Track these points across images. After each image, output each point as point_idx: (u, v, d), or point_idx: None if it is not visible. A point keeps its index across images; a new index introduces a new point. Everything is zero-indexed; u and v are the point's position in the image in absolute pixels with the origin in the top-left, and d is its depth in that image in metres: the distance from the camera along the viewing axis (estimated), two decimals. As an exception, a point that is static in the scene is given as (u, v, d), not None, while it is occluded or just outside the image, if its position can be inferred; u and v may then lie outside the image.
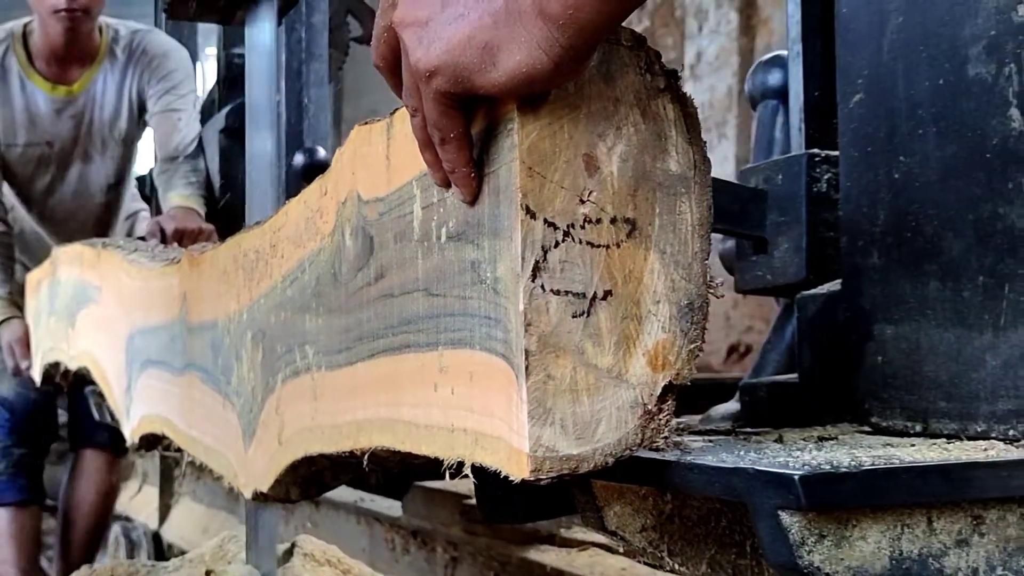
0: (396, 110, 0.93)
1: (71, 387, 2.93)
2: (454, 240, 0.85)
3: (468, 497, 2.22)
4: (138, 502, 4.54)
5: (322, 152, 2.56)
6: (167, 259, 1.86)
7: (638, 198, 0.79)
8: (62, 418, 3.57)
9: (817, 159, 1.19)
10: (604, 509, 0.90)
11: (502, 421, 0.78)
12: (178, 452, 1.93)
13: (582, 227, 0.77)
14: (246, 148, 2.08)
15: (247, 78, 2.10)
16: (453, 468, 0.86)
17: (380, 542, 2.61)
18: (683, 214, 0.80)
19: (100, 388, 2.34)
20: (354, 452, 1.05)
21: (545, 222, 0.76)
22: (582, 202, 0.77)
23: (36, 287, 2.92)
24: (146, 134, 3.32)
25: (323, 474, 1.30)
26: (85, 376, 2.51)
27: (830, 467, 0.72)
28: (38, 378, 2.90)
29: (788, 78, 1.30)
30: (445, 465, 0.87)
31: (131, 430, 2.04)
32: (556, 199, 0.76)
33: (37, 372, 2.89)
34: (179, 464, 4.04)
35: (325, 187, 1.11)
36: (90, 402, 2.69)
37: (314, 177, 1.16)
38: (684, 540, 0.92)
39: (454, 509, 2.25)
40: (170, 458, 4.07)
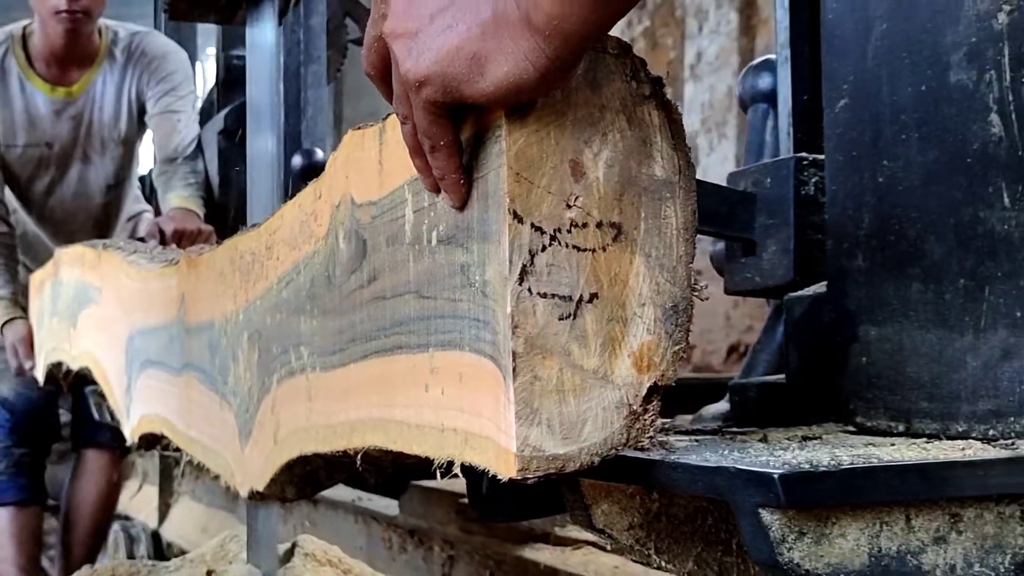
0: (388, 115, 0.95)
1: (73, 387, 2.95)
2: (444, 244, 0.86)
3: (464, 496, 2.23)
4: (138, 501, 4.56)
5: (320, 154, 2.58)
6: (166, 260, 1.88)
7: (624, 203, 0.80)
8: (64, 418, 3.59)
9: (805, 163, 1.20)
10: (592, 507, 0.92)
11: (490, 421, 0.80)
12: (177, 452, 1.95)
13: (568, 231, 0.79)
14: (247, 148, 2.10)
15: (248, 78, 2.12)
16: (443, 467, 0.88)
17: (378, 541, 2.62)
18: (668, 218, 0.81)
19: (101, 388, 2.36)
20: (347, 452, 1.06)
21: (532, 226, 0.78)
22: (568, 207, 0.79)
23: (39, 288, 2.94)
24: (146, 136, 3.34)
25: (318, 473, 1.31)
26: (87, 376, 2.53)
27: (809, 466, 0.74)
28: (41, 378, 2.92)
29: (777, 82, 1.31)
30: (436, 464, 0.89)
31: (131, 430, 2.06)
32: (543, 204, 0.78)
33: (40, 372, 2.91)
34: (179, 464, 4.05)
35: (319, 190, 1.13)
36: (90, 402, 2.71)
37: (312, 179, 1.18)
38: (671, 538, 0.94)
39: (450, 508, 2.27)
40: (170, 457, 4.08)
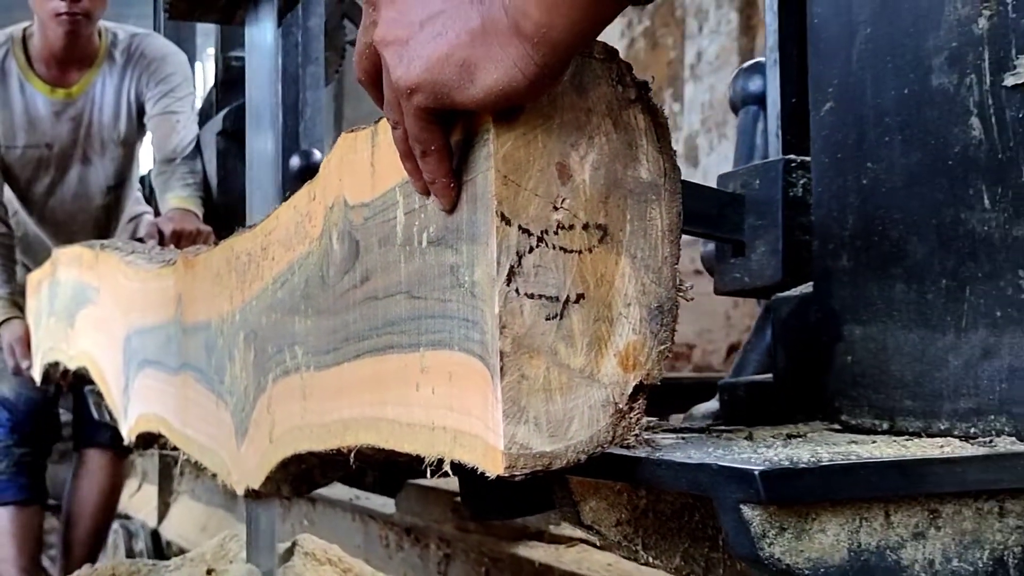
0: (380, 118, 0.96)
1: (73, 387, 2.96)
2: (434, 245, 0.88)
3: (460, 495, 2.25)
4: (137, 500, 4.58)
5: (318, 155, 2.60)
6: (163, 261, 1.90)
7: (610, 205, 0.82)
8: (65, 417, 3.60)
9: (793, 164, 1.22)
10: (580, 504, 0.94)
11: (479, 419, 0.81)
12: (176, 451, 1.96)
13: (555, 233, 0.80)
14: (247, 148, 2.11)
15: (248, 78, 2.13)
16: (434, 465, 0.89)
17: (375, 539, 2.64)
18: (653, 220, 0.83)
19: (99, 388, 2.38)
20: (341, 450, 1.08)
21: (520, 228, 0.79)
22: (555, 209, 0.80)
23: (37, 288, 2.95)
24: (146, 137, 3.35)
25: (313, 472, 1.33)
26: (84, 376, 2.55)
27: (790, 463, 0.75)
28: (38, 378, 2.94)
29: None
30: (426, 462, 0.90)
31: (128, 429, 2.07)
32: (530, 206, 0.80)
33: (37, 372, 2.93)
34: (178, 463, 4.07)
35: (314, 192, 1.15)
36: (90, 401, 2.73)
37: (310, 180, 1.20)
38: (658, 534, 0.95)
39: (446, 507, 2.28)
40: (169, 457, 4.10)
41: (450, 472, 0.87)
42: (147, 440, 2.03)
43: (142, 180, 3.65)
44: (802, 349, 1.09)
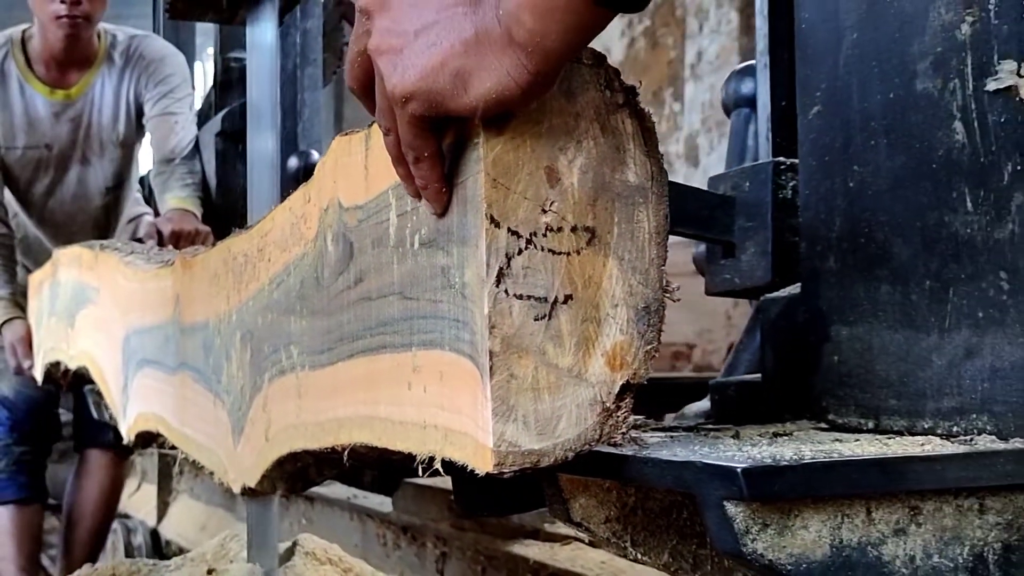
0: (374, 122, 0.98)
1: (73, 386, 2.98)
2: (426, 246, 0.89)
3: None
4: (137, 500, 4.59)
5: (316, 156, 2.62)
6: (162, 261, 1.91)
7: (597, 208, 0.83)
8: (65, 417, 3.62)
9: (782, 167, 1.23)
10: (570, 501, 0.95)
11: (469, 418, 0.83)
12: (175, 450, 1.98)
13: (544, 235, 0.82)
14: (247, 148, 2.12)
15: (248, 78, 2.14)
16: (425, 463, 0.91)
17: (372, 538, 2.66)
18: (641, 223, 0.84)
19: (98, 387, 2.39)
20: (335, 448, 1.09)
21: (509, 230, 0.81)
22: (544, 211, 0.82)
23: (38, 288, 2.97)
24: (145, 138, 3.37)
25: (308, 470, 1.35)
26: (84, 375, 2.56)
27: (772, 461, 0.77)
28: (40, 377, 2.95)
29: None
30: (418, 460, 0.92)
31: (127, 428, 2.09)
32: (519, 209, 0.81)
33: (39, 372, 2.95)
34: (177, 462, 4.09)
35: (309, 194, 1.16)
36: (89, 400, 2.75)
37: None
38: (647, 531, 0.97)
39: (443, 505, 2.30)
40: (168, 456, 4.11)
41: (441, 470, 0.89)
42: (146, 439, 2.05)
43: (141, 181, 3.67)
44: (790, 349, 1.11)
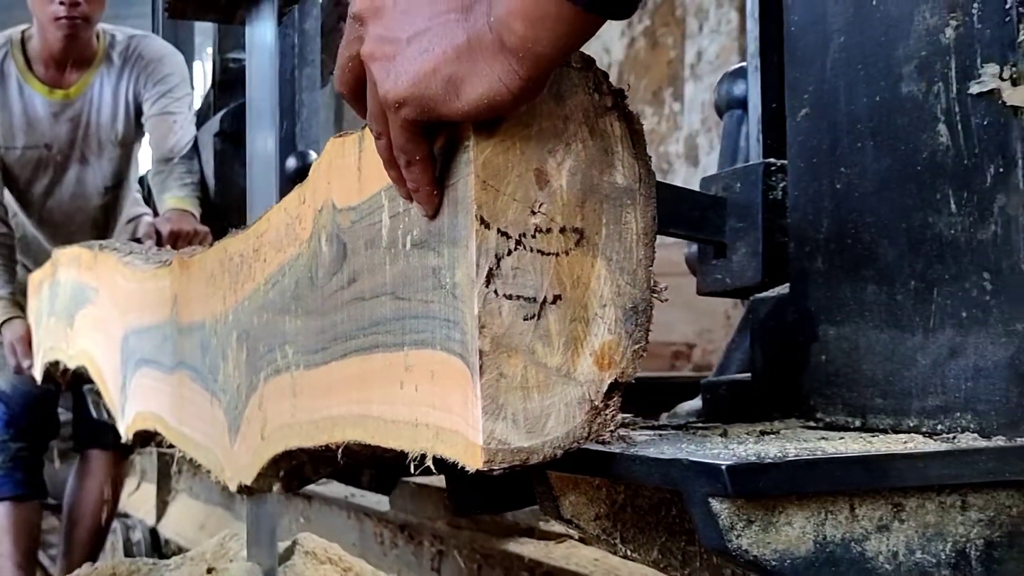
0: (367, 124, 0.99)
1: (72, 386, 2.99)
2: (418, 247, 0.91)
3: (454, 492, 2.27)
4: (136, 499, 4.61)
5: (313, 156, 2.62)
6: (160, 262, 1.92)
7: (586, 209, 0.84)
8: (64, 417, 3.63)
9: (773, 168, 1.24)
10: (560, 499, 0.96)
11: (459, 416, 0.84)
12: (172, 448, 1.99)
13: (533, 236, 0.83)
14: (247, 147, 2.12)
15: (248, 78, 2.14)
16: (417, 461, 0.92)
17: (370, 536, 2.67)
18: (628, 224, 0.86)
19: (97, 386, 2.41)
20: (329, 446, 1.11)
21: (499, 232, 0.82)
22: (533, 213, 0.83)
23: (37, 288, 2.98)
24: (145, 139, 3.38)
25: (303, 468, 1.36)
26: (84, 375, 2.58)
27: (756, 458, 0.78)
28: (39, 376, 2.96)
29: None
30: (410, 458, 0.93)
31: (126, 427, 2.10)
32: (509, 210, 0.82)
33: (38, 371, 2.96)
34: (176, 461, 4.10)
35: (303, 196, 1.17)
36: (88, 400, 2.76)
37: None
38: (636, 528, 0.98)
39: (439, 504, 2.31)
40: (168, 455, 4.13)
41: (433, 467, 0.90)
42: (144, 438, 2.06)
43: (141, 181, 3.68)
44: (779, 349, 1.12)
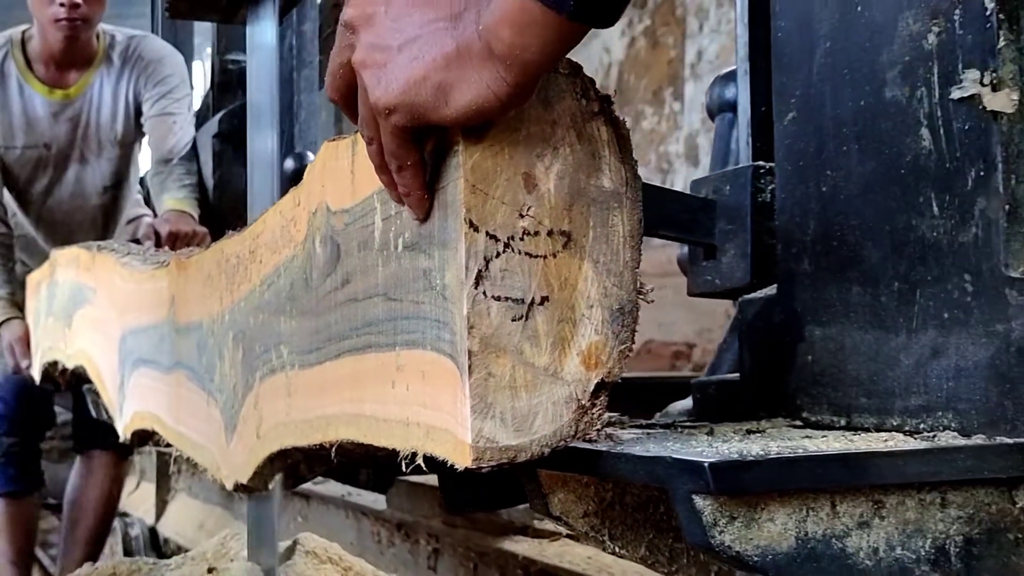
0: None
1: (71, 386, 3.00)
2: (409, 250, 0.92)
3: (450, 491, 2.29)
4: (136, 498, 4.63)
5: (311, 157, 2.63)
6: (157, 262, 1.94)
7: (573, 212, 0.86)
8: (64, 417, 3.64)
9: (762, 171, 1.26)
10: (549, 496, 0.98)
11: (449, 415, 0.86)
12: (170, 448, 2.01)
13: (521, 239, 0.85)
14: (248, 147, 2.14)
15: (248, 78, 2.16)
16: (408, 459, 0.94)
17: (367, 535, 2.69)
18: (615, 227, 0.87)
19: (96, 386, 2.42)
20: (323, 445, 1.13)
21: (487, 234, 0.84)
22: (521, 216, 0.85)
23: (36, 288, 3.00)
24: (145, 139, 3.39)
25: (298, 466, 1.38)
26: (82, 375, 2.59)
27: (739, 456, 0.80)
28: (37, 376, 2.98)
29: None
30: (401, 456, 0.95)
31: (123, 426, 2.12)
32: (498, 213, 0.84)
33: (36, 371, 2.97)
34: (176, 460, 4.11)
35: (298, 198, 1.19)
36: (88, 400, 2.77)
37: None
38: (624, 525, 1.00)
39: (434, 503, 2.33)
40: (167, 455, 4.14)
41: (423, 465, 0.92)
42: (142, 437, 2.08)
43: (141, 182, 3.69)
44: (766, 349, 1.14)
